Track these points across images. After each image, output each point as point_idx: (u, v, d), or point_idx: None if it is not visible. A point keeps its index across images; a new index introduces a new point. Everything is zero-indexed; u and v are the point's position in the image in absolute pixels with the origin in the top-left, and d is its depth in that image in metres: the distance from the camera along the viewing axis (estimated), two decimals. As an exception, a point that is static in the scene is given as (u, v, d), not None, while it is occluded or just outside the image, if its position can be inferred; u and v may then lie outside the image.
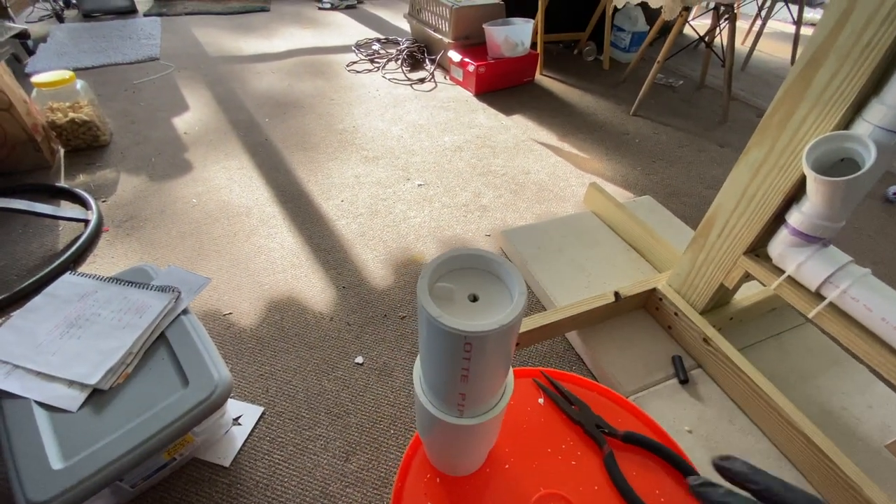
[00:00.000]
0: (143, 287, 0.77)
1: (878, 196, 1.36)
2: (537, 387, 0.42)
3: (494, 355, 0.23)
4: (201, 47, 2.12)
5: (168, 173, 1.29)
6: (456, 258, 0.25)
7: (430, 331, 0.23)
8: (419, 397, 0.29)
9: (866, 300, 0.58)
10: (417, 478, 0.36)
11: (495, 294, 0.24)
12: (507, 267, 0.24)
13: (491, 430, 0.30)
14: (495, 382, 0.26)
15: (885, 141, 0.53)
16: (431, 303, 0.22)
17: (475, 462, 0.35)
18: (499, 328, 0.21)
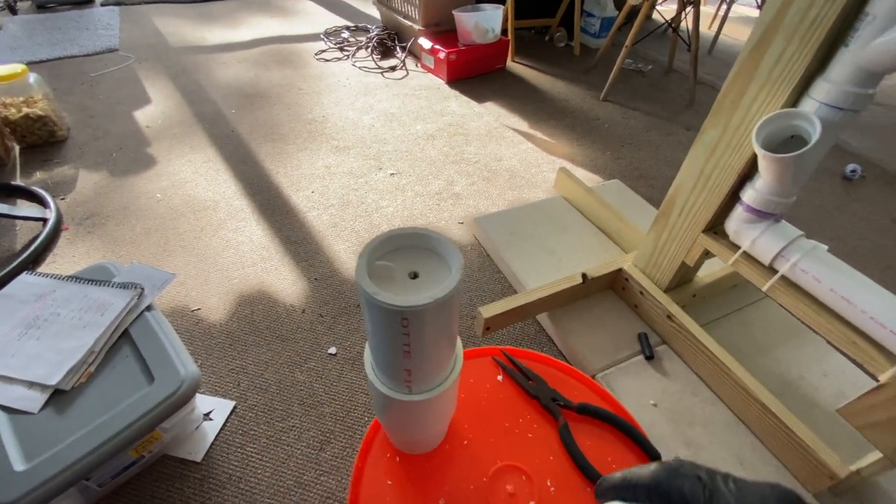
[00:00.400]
0: (104, 285, 0.75)
1: (836, 174, 1.41)
2: (497, 364, 0.43)
3: (434, 330, 0.24)
4: (163, 37, 2.05)
5: (130, 168, 1.25)
6: (395, 237, 0.25)
7: (369, 308, 0.23)
8: (369, 376, 0.29)
9: (815, 272, 0.61)
10: (377, 458, 0.37)
11: (436, 271, 0.24)
12: (446, 243, 0.25)
13: (442, 406, 0.30)
14: (440, 358, 0.27)
15: (831, 117, 0.55)
16: (368, 280, 0.22)
17: (433, 439, 0.36)
18: (433, 302, 0.22)
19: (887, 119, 1.75)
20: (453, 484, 0.35)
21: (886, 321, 0.55)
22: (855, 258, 1.14)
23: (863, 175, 1.39)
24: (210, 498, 0.66)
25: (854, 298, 0.57)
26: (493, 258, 1.06)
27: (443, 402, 0.30)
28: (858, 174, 1.38)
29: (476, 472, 0.36)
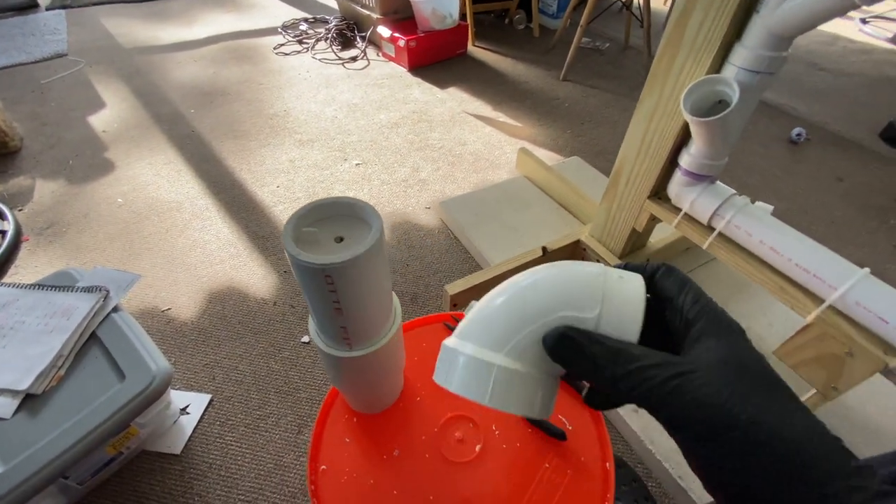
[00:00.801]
0: (68, 290, 0.75)
1: (783, 139, 1.48)
2: (448, 329, 0.46)
3: (361, 286, 0.26)
4: (113, 39, 1.99)
5: (88, 175, 1.23)
6: (321, 206, 0.27)
7: (297, 270, 0.25)
8: (313, 339, 0.32)
9: (747, 227, 0.65)
10: (336, 419, 0.39)
11: (361, 235, 0.26)
12: (367, 209, 0.27)
13: (386, 360, 0.33)
14: (373, 313, 0.29)
15: (748, 81, 0.59)
16: (292, 243, 0.24)
17: (386, 396, 0.39)
18: (353, 258, 0.24)
19: (830, 83, 1.83)
20: (407, 436, 0.38)
21: (809, 266, 0.60)
22: (802, 216, 1.21)
23: (808, 138, 1.47)
24: (192, 487, 0.68)
25: (780, 248, 0.62)
26: (459, 240, 1.09)
27: (385, 356, 0.32)
28: (804, 137, 1.45)
29: (428, 423, 0.39)
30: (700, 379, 0.18)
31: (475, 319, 0.23)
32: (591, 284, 0.22)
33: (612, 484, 0.36)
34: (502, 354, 0.22)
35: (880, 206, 1.24)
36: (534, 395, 0.22)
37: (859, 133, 1.53)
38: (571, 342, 0.21)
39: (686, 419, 0.18)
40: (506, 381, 0.21)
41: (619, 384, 0.19)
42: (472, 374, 0.22)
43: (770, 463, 0.17)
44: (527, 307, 0.22)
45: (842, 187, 1.30)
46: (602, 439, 0.38)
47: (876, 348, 0.55)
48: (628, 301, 0.21)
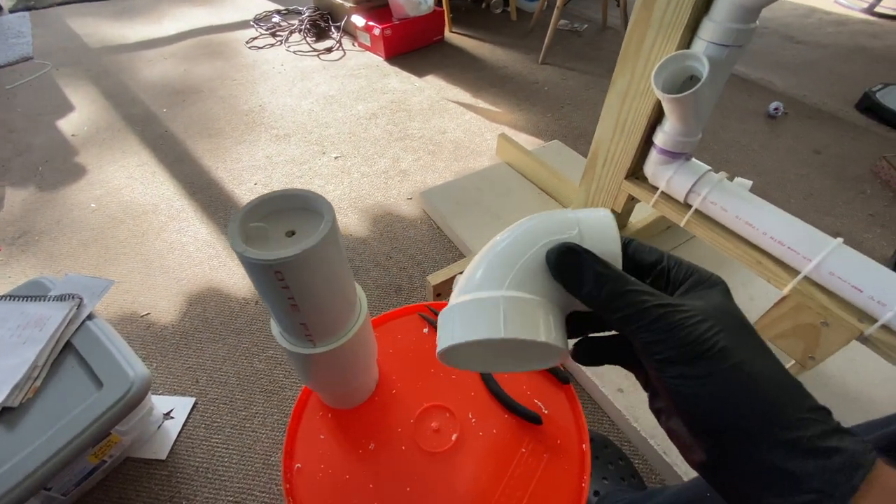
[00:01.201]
0: (41, 299, 0.73)
1: (760, 113, 1.49)
2: (423, 319, 0.46)
3: (314, 281, 0.25)
4: (80, 39, 1.93)
5: (60, 181, 1.20)
6: (269, 200, 0.26)
7: (246, 269, 0.25)
8: (275, 336, 0.31)
9: (722, 202, 0.65)
10: (310, 416, 0.39)
11: (313, 228, 0.26)
12: (320, 200, 0.26)
13: (353, 355, 0.32)
14: (333, 308, 0.29)
15: (718, 55, 0.58)
16: (238, 240, 0.24)
17: (358, 390, 0.38)
18: (302, 252, 0.23)
19: (806, 55, 1.84)
20: (383, 429, 0.38)
21: (784, 239, 0.60)
22: (781, 190, 1.22)
23: (785, 112, 1.47)
24: (179, 491, 0.67)
25: (755, 222, 0.62)
26: (442, 229, 1.08)
27: (352, 350, 0.32)
28: (781, 111, 1.46)
29: (404, 415, 0.39)
30: (685, 312, 0.19)
31: (466, 278, 0.24)
32: (565, 216, 0.23)
33: (589, 464, 0.36)
34: (504, 290, 0.22)
35: (857, 177, 1.25)
36: (547, 320, 0.22)
37: (836, 105, 1.54)
38: (576, 256, 0.21)
39: (665, 342, 0.19)
40: (515, 309, 0.21)
41: (615, 302, 0.20)
42: (478, 314, 0.21)
43: (735, 388, 0.18)
44: (514, 247, 0.23)
45: (819, 159, 1.31)
46: (578, 421, 0.39)
47: (851, 317, 0.56)
48: (601, 221, 0.23)
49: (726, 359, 0.18)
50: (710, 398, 0.18)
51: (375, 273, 0.98)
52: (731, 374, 0.18)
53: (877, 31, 2.06)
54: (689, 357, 0.18)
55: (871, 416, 0.72)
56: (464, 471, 0.36)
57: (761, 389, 0.18)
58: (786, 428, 0.17)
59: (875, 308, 0.54)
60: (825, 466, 0.16)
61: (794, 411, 0.17)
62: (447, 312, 0.23)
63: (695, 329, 0.19)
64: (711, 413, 0.18)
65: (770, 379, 0.18)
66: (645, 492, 0.56)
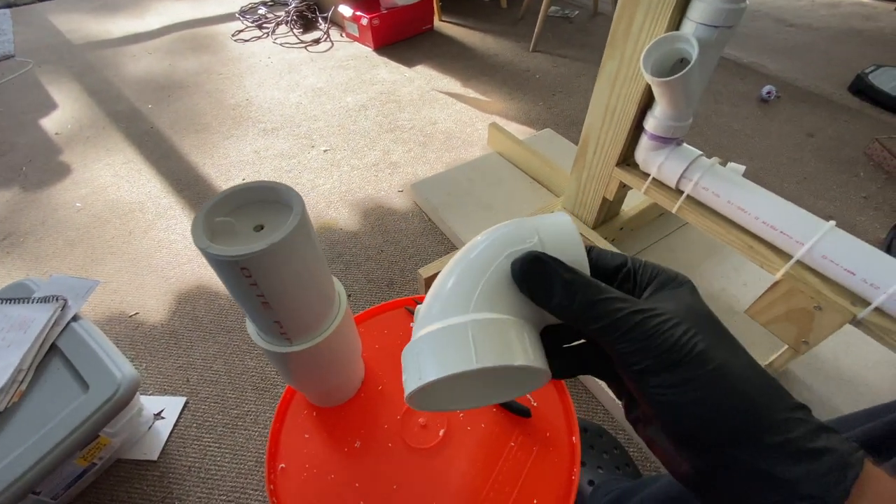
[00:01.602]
0: (24, 301, 0.72)
1: (753, 97, 1.47)
2: (409, 313, 0.45)
3: (284, 277, 0.24)
4: (62, 36, 1.89)
5: (44, 180, 1.18)
6: (236, 193, 0.25)
7: (212, 265, 0.24)
8: (251, 335, 0.30)
9: (714, 188, 0.64)
10: (294, 415, 0.38)
11: (282, 221, 0.24)
12: (290, 192, 0.25)
13: (334, 352, 0.32)
14: (308, 305, 0.28)
15: (708, 36, 0.57)
16: (202, 236, 0.22)
17: (342, 387, 0.37)
18: (267, 247, 0.22)
19: (798, 38, 1.83)
20: (369, 426, 0.37)
21: (776, 223, 0.60)
22: (774, 174, 1.21)
23: (778, 95, 1.46)
24: (171, 491, 0.66)
25: (747, 207, 0.61)
26: (434, 221, 1.07)
27: (332, 348, 0.31)
28: (774, 95, 1.44)
29: (391, 412, 0.38)
30: (660, 317, 0.18)
31: (427, 305, 0.21)
32: (522, 224, 0.22)
33: (579, 457, 0.35)
34: (470, 312, 0.20)
35: (850, 160, 1.24)
36: (522, 339, 0.20)
37: (828, 87, 1.53)
38: (542, 266, 0.20)
39: (644, 351, 0.18)
40: (485, 333, 0.19)
41: (588, 312, 0.19)
42: (446, 346, 0.19)
43: (717, 393, 0.17)
44: (475, 265, 0.21)
45: (812, 143, 1.30)
46: (567, 413, 0.38)
47: (844, 300, 0.56)
48: (561, 227, 0.21)
49: (706, 363, 0.17)
50: (692, 405, 0.17)
51: (367, 267, 0.97)
52: (713, 378, 0.17)
53: (869, 12, 2.04)
54: (668, 364, 0.17)
55: (866, 399, 0.72)
56: (452, 466, 0.35)
57: (743, 392, 0.17)
58: (772, 431, 0.16)
59: (868, 291, 0.54)
60: (815, 470, 0.16)
61: (777, 412, 0.17)
62: (410, 350, 0.21)
63: (671, 334, 0.18)
64: (695, 421, 0.17)
65: (750, 380, 0.18)
66: (639, 480, 0.56)
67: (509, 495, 0.34)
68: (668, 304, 0.19)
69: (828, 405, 0.70)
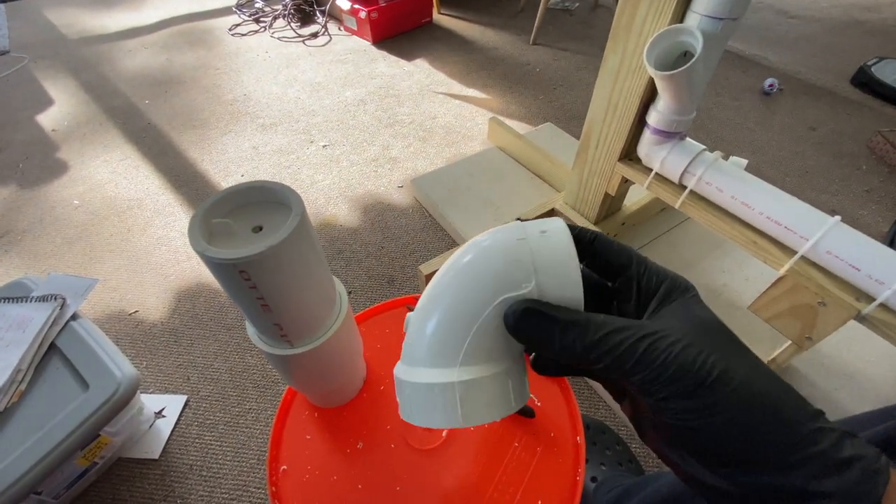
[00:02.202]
0: (22, 301, 0.71)
1: (755, 90, 1.46)
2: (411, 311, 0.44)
3: (284, 279, 0.24)
4: (58, 31, 1.87)
5: (41, 178, 1.17)
6: (234, 194, 0.25)
7: (210, 268, 0.23)
8: (251, 337, 0.29)
9: (718, 183, 0.64)
10: (296, 417, 0.38)
11: (282, 222, 0.24)
12: (288, 192, 0.24)
13: (336, 353, 0.31)
14: (308, 307, 0.27)
15: (712, 28, 0.56)
16: (199, 238, 0.22)
17: (344, 388, 0.37)
18: (266, 249, 0.22)
19: (800, 30, 1.81)
20: (371, 427, 0.37)
21: (780, 218, 0.59)
22: (776, 168, 1.20)
23: (780, 88, 1.45)
24: (173, 490, 0.66)
25: (751, 202, 0.61)
26: (434, 217, 1.06)
27: (334, 349, 0.30)
28: (776, 88, 1.43)
29: (393, 412, 0.38)
30: (670, 339, 0.18)
31: (416, 340, 0.21)
32: (518, 254, 0.20)
33: (583, 457, 0.35)
34: (457, 368, 0.20)
35: (852, 153, 1.24)
36: (506, 391, 0.20)
37: (831, 80, 1.51)
38: (538, 317, 0.19)
39: (660, 380, 0.17)
40: (473, 393, 0.20)
41: (593, 353, 0.18)
42: (434, 402, 0.20)
43: (745, 413, 0.17)
44: (464, 306, 0.20)
45: (815, 136, 1.29)
46: (572, 413, 0.38)
47: (848, 296, 0.55)
48: (560, 260, 0.20)
49: (728, 382, 0.17)
50: (719, 428, 0.17)
51: (367, 264, 0.96)
52: (737, 398, 0.17)
53: (871, 4, 2.02)
54: (688, 389, 0.17)
55: (869, 394, 0.72)
56: (455, 467, 0.35)
57: (769, 406, 0.17)
58: (802, 445, 0.16)
59: (873, 287, 0.53)
60: (848, 480, 0.16)
61: (803, 424, 0.16)
62: (403, 384, 0.21)
63: (685, 358, 0.17)
64: (723, 443, 0.17)
65: (772, 393, 0.17)
66: (642, 477, 0.56)
67: (513, 497, 0.34)
68: (674, 322, 0.18)
69: (831, 401, 0.70)
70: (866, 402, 0.70)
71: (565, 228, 0.20)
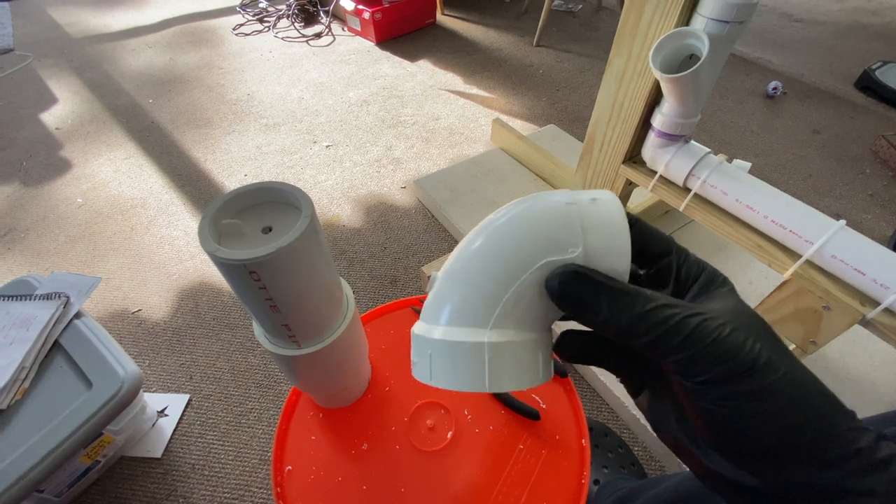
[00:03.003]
0: (26, 299, 0.71)
1: (759, 93, 1.46)
2: (416, 313, 0.44)
3: (293, 280, 0.24)
4: (61, 29, 1.88)
5: (44, 176, 1.17)
6: (243, 194, 0.25)
7: (220, 269, 0.23)
8: (258, 338, 0.29)
9: (722, 186, 0.64)
10: (301, 417, 0.38)
11: (291, 223, 0.24)
12: (297, 193, 0.24)
13: (342, 354, 0.31)
14: (316, 307, 0.27)
15: (718, 31, 0.56)
16: (209, 239, 0.22)
17: (349, 389, 0.37)
18: (276, 251, 0.22)
19: (805, 33, 1.81)
20: (376, 428, 0.37)
21: (785, 222, 0.59)
22: (780, 171, 1.20)
23: (784, 91, 1.45)
24: (175, 489, 0.66)
25: (756, 205, 0.61)
26: (437, 218, 1.06)
27: (340, 350, 0.30)
28: (780, 91, 1.43)
29: (398, 413, 0.38)
30: (719, 321, 0.17)
31: (444, 294, 0.20)
32: (567, 217, 0.19)
33: (588, 460, 0.35)
34: (489, 329, 0.18)
35: (856, 156, 1.23)
36: (535, 360, 0.19)
37: (835, 83, 1.51)
38: (586, 282, 0.18)
39: (705, 359, 0.16)
40: (503, 357, 0.18)
41: (638, 326, 0.17)
42: (460, 362, 0.18)
43: (792, 405, 0.16)
44: (502, 265, 0.18)
45: (818, 139, 1.29)
46: (577, 415, 0.37)
47: (853, 300, 0.55)
48: (611, 226, 0.18)
49: (775, 370, 0.16)
50: (763, 419, 0.16)
51: (370, 264, 0.96)
52: (784, 388, 0.16)
53: (875, 7, 2.02)
54: (736, 373, 0.16)
55: (872, 398, 0.72)
56: (460, 469, 0.35)
57: (812, 403, 0.16)
58: (842, 443, 0.16)
59: (878, 291, 0.53)
60: (887, 477, 0.15)
61: (841, 422, 0.16)
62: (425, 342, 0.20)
63: (734, 340, 0.16)
64: (766, 436, 0.16)
65: (812, 389, 0.16)
66: (645, 480, 0.56)
67: (518, 499, 0.34)
68: (720, 306, 0.18)
69: (834, 405, 0.70)
70: (870, 407, 0.70)
71: (616, 198, 0.19)
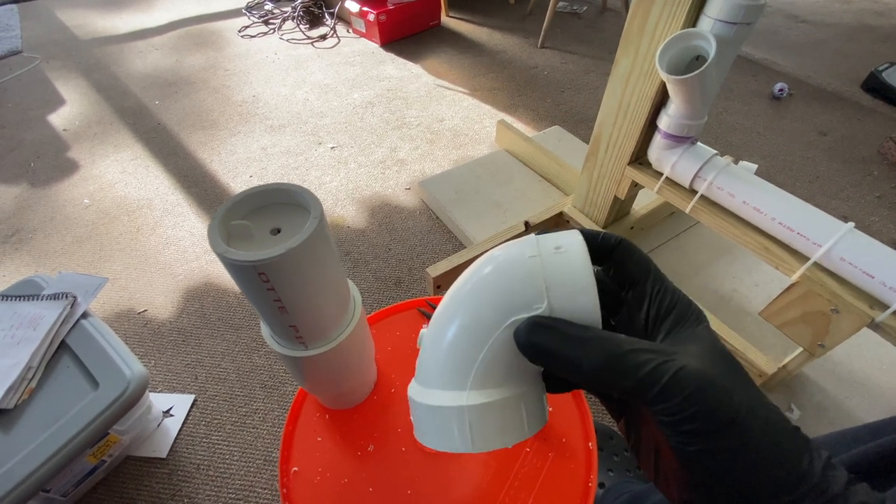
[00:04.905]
0: (34, 299, 0.72)
1: (765, 94, 1.45)
2: (422, 315, 0.44)
3: (302, 282, 0.24)
4: (69, 31, 1.89)
5: (52, 176, 1.18)
6: (253, 196, 0.25)
7: (229, 269, 0.23)
8: (265, 339, 0.29)
9: (729, 188, 0.63)
10: (307, 418, 0.38)
11: (300, 225, 0.24)
12: (306, 195, 0.24)
13: (349, 355, 0.31)
14: (324, 309, 0.27)
15: (725, 33, 0.56)
16: (218, 240, 0.22)
17: (355, 390, 0.37)
18: (286, 252, 0.22)
19: (811, 35, 1.80)
20: (382, 430, 0.37)
21: (793, 224, 0.59)
22: (786, 173, 1.19)
23: (790, 93, 1.44)
24: (180, 489, 0.67)
25: (764, 207, 0.60)
26: (441, 219, 1.06)
27: (347, 351, 0.30)
28: (786, 92, 1.42)
29: (404, 415, 0.37)
30: (696, 366, 0.16)
31: (428, 359, 0.21)
32: (530, 274, 0.19)
33: (595, 464, 0.35)
34: (467, 391, 0.19)
35: (863, 158, 1.23)
36: (519, 417, 0.20)
37: (841, 85, 1.50)
38: (550, 332, 0.18)
39: (686, 410, 0.16)
40: (484, 418, 0.19)
41: (608, 374, 0.17)
42: (445, 425, 0.19)
43: (771, 455, 0.16)
44: (471, 328, 0.19)
45: (825, 141, 1.28)
46: (584, 418, 0.37)
47: (862, 303, 0.55)
48: (574, 276, 0.18)
49: (753, 420, 0.16)
50: (744, 471, 0.16)
51: (375, 265, 0.96)
52: (762, 438, 0.16)
53: (882, 9, 2.01)
54: (718, 426, 0.16)
55: (879, 402, 0.71)
56: (467, 472, 0.35)
57: (789, 451, 0.16)
58: (816, 492, 0.15)
59: (887, 294, 0.53)
60: None
61: (815, 468, 0.16)
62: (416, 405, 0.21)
63: (714, 389, 0.16)
64: (745, 488, 0.16)
65: (787, 434, 0.16)
66: (650, 484, 0.55)
67: (525, 502, 0.34)
68: (695, 347, 0.17)
69: (842, 409, 0.69)
70: (878, 411, 0.69)
71: (581, 244, 0.19)
